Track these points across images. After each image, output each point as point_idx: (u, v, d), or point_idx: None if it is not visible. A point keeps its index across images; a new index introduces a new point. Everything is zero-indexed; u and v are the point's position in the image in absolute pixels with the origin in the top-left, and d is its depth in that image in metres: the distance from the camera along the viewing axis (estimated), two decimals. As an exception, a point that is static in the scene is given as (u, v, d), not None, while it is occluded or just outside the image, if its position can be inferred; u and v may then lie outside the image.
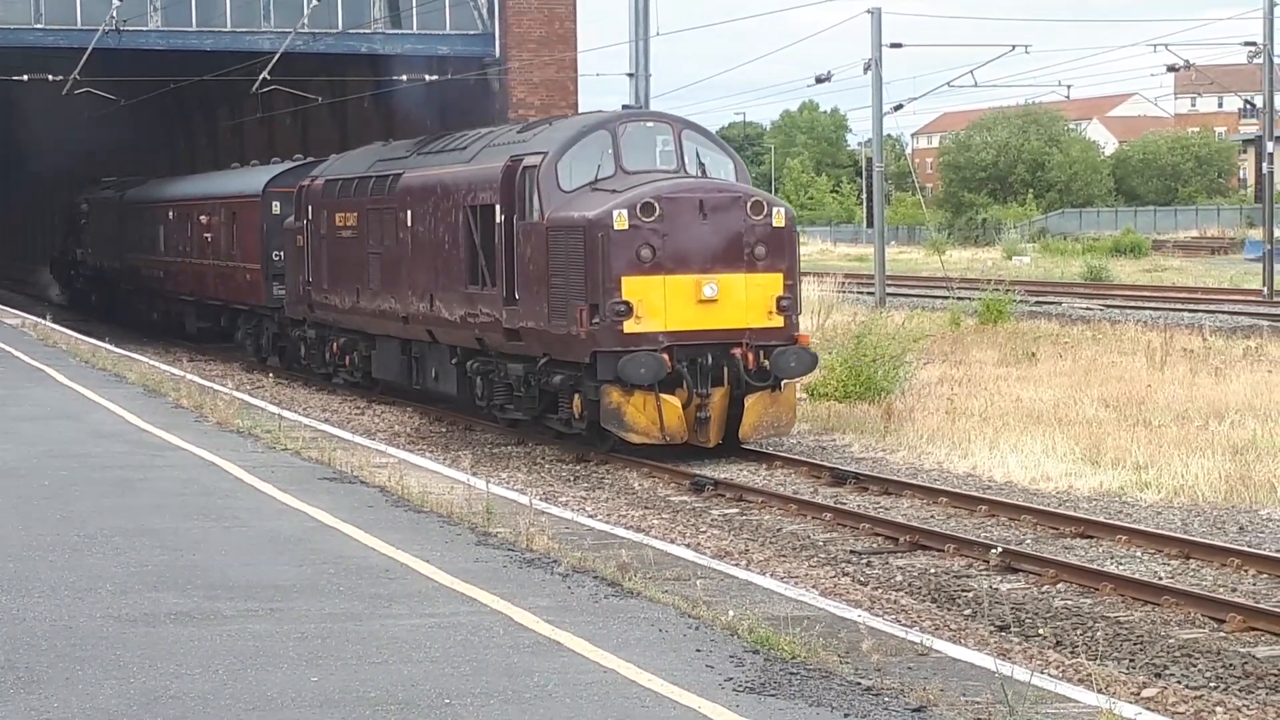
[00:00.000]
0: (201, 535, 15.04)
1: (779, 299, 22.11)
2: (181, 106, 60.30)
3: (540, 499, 18.33)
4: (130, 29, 44.22)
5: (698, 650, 10.76)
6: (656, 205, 21.58)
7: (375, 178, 29.57)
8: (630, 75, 36.54)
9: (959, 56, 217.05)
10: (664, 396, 21.34)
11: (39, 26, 44.84)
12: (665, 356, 21.38)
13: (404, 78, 45.76)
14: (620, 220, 21.38)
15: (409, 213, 27.50)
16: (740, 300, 21.92)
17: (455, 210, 25.55)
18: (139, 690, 9.85)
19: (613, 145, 22.96)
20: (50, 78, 46.68)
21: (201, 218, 42.89)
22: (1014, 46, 50.41)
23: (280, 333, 36.84)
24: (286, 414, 26.18)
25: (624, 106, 24.24)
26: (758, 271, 22.04)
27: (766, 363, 21.80)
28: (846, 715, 9.30)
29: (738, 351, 21.66)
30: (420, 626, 11.43)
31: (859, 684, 9.94)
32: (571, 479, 22.25)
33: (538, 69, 44.54)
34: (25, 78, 46.90)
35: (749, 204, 22.20)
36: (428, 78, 45.39)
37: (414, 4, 45.57)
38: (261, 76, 43.43)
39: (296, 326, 35.01)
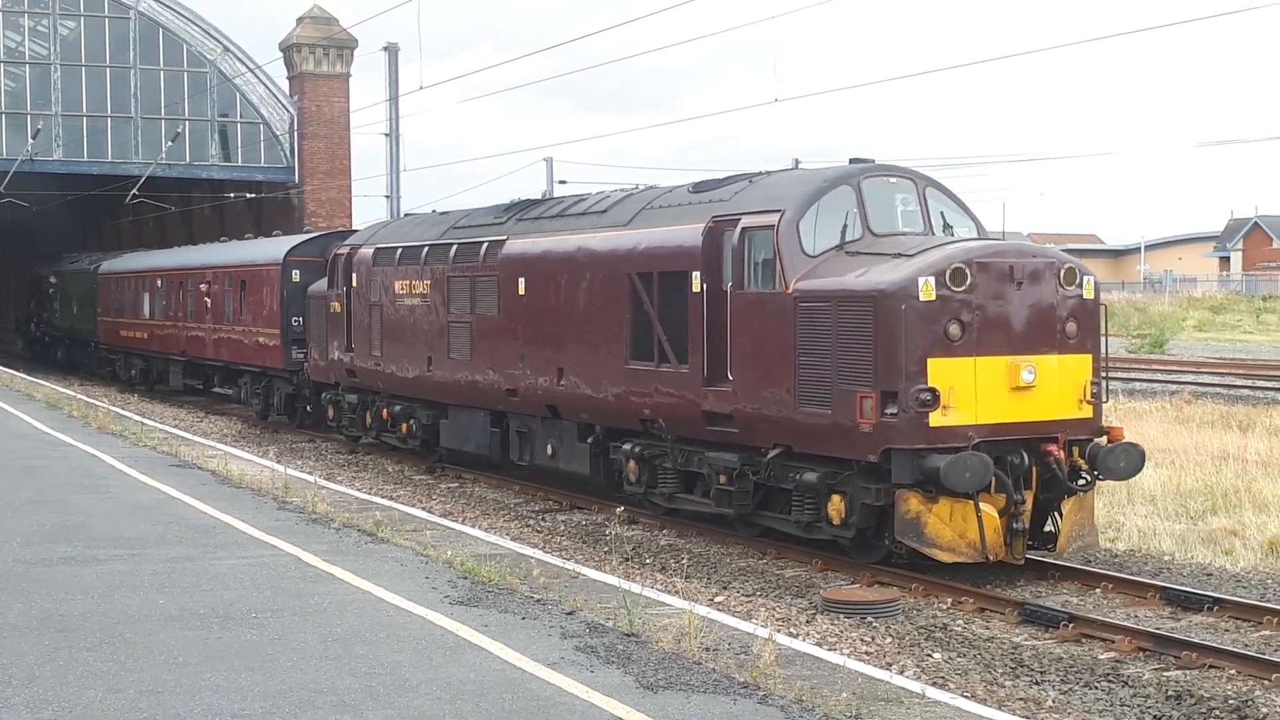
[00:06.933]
0: (84, 504, 14.43)
1: (1090, 384, 12.81)
2: (77, 212, 57.50)
3: (323, 478, 17.99)
4: (40, 159, 42.98)
5: (426, 578, 10.68)
6: (968, 272, 12.23)
7: (459, 245, 19.38)
8: (387, 197, 36.07)
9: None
10: (984, 506, 12.07)
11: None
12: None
13: (232, 195, 45.23)
14: (926, 290, 12.06)
15: (520, 281, 17.70)
16: (1053, 386, 12.58)
17: (606, 279, 15.94)
18: (38, 610, 9.42)
19: (858, 203, 13.44)
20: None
21: (201, 285, 31.35)
22: (638, 185, 50.92)
23: (296, 394, 26.54)
24: (147, 421, 25.22)
25: (851, 160, 14.14)
26: (1069, 352, 12.71)
27: (1081, 461, 12.75)
28: (524, 618, 9.31)
29: (1053, 448, 12.43)
30: (237, 565, 11.12)
31: (532, 597, 9.98)
32: (345, 465, 21.78)
33: (324, 191, 44.02)
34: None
35: (1062, 271, 12.75)
36: (249, 195, 45.09)
37: (239, 145, 44.97)
38: (132, 192, 42.88)
39: (326, 390, 24.33)
